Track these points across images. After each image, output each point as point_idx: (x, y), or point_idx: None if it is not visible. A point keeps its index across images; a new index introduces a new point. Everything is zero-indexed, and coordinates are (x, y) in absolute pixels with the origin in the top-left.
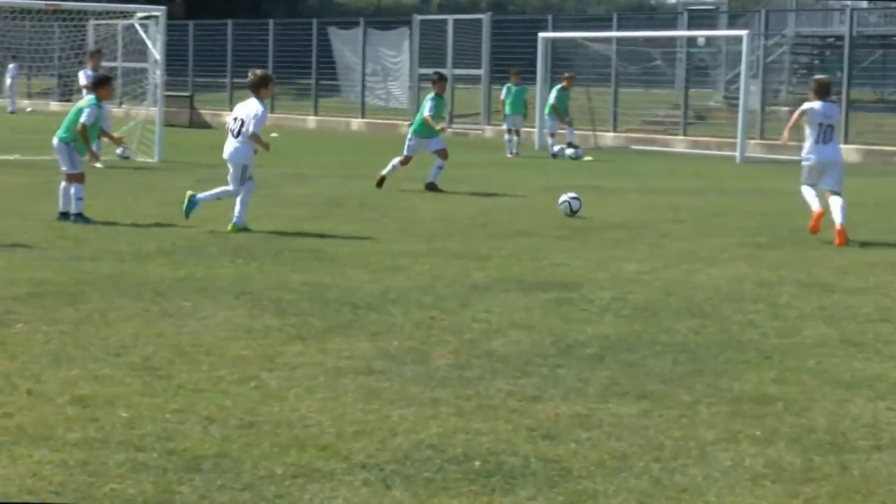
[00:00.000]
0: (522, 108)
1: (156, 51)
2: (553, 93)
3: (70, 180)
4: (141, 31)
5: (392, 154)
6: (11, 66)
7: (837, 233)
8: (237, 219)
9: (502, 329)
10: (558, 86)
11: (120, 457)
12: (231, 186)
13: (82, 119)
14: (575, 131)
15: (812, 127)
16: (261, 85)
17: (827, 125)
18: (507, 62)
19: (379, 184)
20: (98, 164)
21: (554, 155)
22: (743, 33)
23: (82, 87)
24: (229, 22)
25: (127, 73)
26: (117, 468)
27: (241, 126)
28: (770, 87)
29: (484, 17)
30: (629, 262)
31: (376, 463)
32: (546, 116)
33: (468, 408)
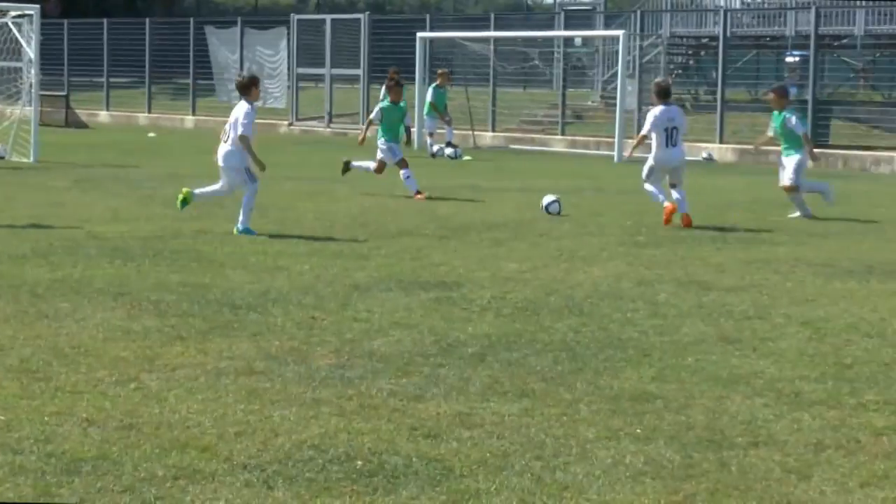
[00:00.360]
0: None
1: (30, 49)
2: (430, 91)
3: None
4: (14, 30)
5: (271, 152)
6: None
7: (666, 211)
8: (242, 224)
9: (383, 329)
10: (434, 84)
11: None
12: (221, 186)
13: None
14: (454, 131)
15: (658, 131)
16: (249, 86)
17: (672, 128)
18: (386, 62)
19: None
20: None
21: (433, 154)
22: (619, 33)
23: None
24: (105, 21)
25: (0, 73)
26: None
27: (229, 129)
28: (646, 87)
29: (362, 17)
30: (509, 262)
31: (258, 464)
32: (425, 116)
33: (350, 408)
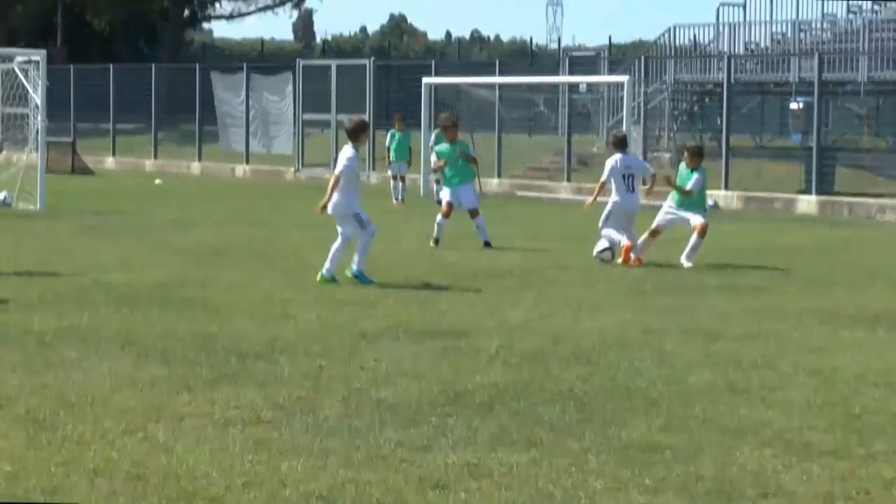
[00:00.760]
0: (407, 155)
1: (36, 95)
2: (433, 137)
3: None
4: (21, 76)
5: (278, 199)
6: None
7: (625, 249)
8: (357, 266)
9: (391, 378)
10: (438, 129)
11: None
12: (360, 236)
13: None
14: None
15: (616, 178)
16: (358, 132)
17: (629, 175)
18: (391, 108)
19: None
20: None
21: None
22: (624, 79)
23: None
24: (111, 66)
25: (7, 119)
26: None
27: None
28: (651, 133)
29: (368, 63)
30: (516, 310)
31: None
32: (433, 163)
33: (358, 458)
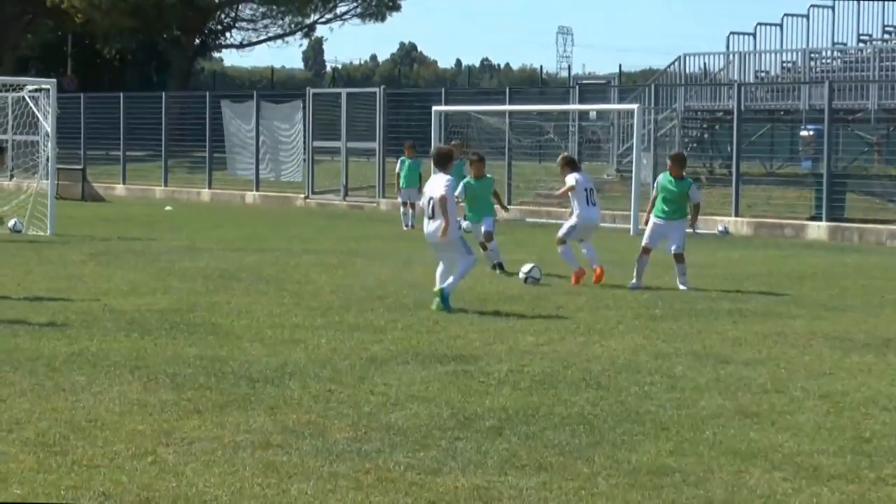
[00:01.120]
0: (417, 181)
1: (47, 123)
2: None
3: None
4: (31, 104)
5: (287, 225)
6: None
7: (596, 272)
8: (448, 288)
9: (401, 402)
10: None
11: None
12: (461, 261)
13: None
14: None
15: (580, 194)
16: (447, 160)
17: (590, 189)
18: (402, 135)
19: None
20: None
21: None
22: (634, 107)
23: None
24: (121, 95)
25: (18, 146)
26: None
27: (433, 206)
28: (662, 160)
29: (378, 91)
30: (526, 334)
31: None
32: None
33: (367, 481)
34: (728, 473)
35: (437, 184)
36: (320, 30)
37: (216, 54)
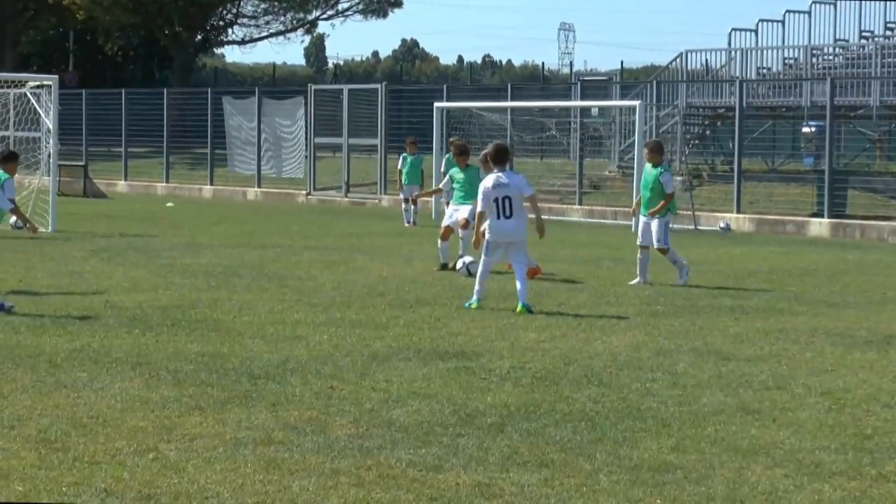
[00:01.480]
0: (419, 178)
1: (48, 120)
2: (444, 161)
3: None
4: (33, 100)
5: (289, 222)
6: None
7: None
8: (524, 295)
9: (402, 398)
10: (449, 154)
11: None
12: (524, 263)
13: (11, 196)
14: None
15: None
16: (504, 157)
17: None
18: (403, 132)
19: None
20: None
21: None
22: (636, 104)
23: None
24: (122, 91)
25: (20, 143)
26: None
27: (509, 203)
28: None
29: (379, 87)
30: (528, 331)
31: None
32: (442, 186)
33: (369, 478)
34: (730, 470)
35: (518, 183)
36: (322, 26)
37: (218, 51)
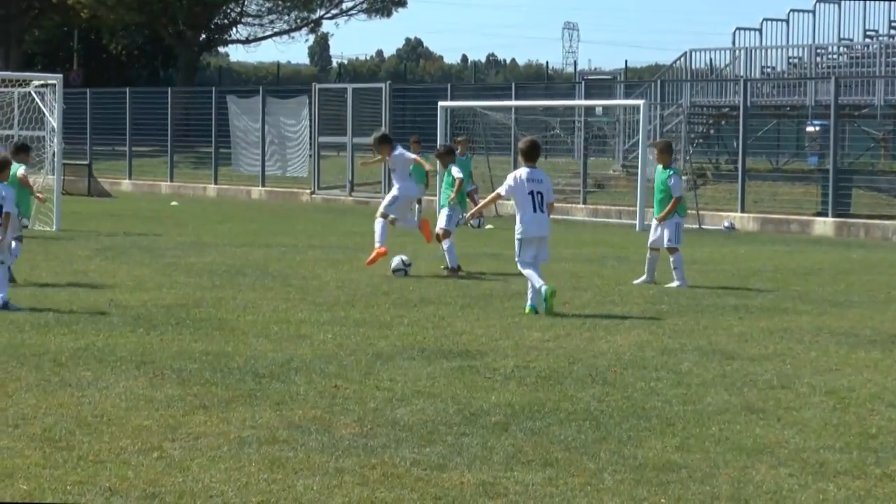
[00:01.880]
0: (423, 177)
1: (53, 119)
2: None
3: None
4: (37, 99)
5: (293, 221)
6: None
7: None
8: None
9: (406, 397)
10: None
11: None
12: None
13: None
14: (480, 199)
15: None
16: (538, 153)
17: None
18: (407, 130)
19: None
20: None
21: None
22: (640, 103)
23: None
24: (127, 90)
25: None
26: None
27: (541, 198)
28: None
29: (383, 86)
30: (532, 330)
31: None
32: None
33: (373, 477)
34: (734, 469)
35: (548, 185)
36: (326, 25)
37: (222, 49)
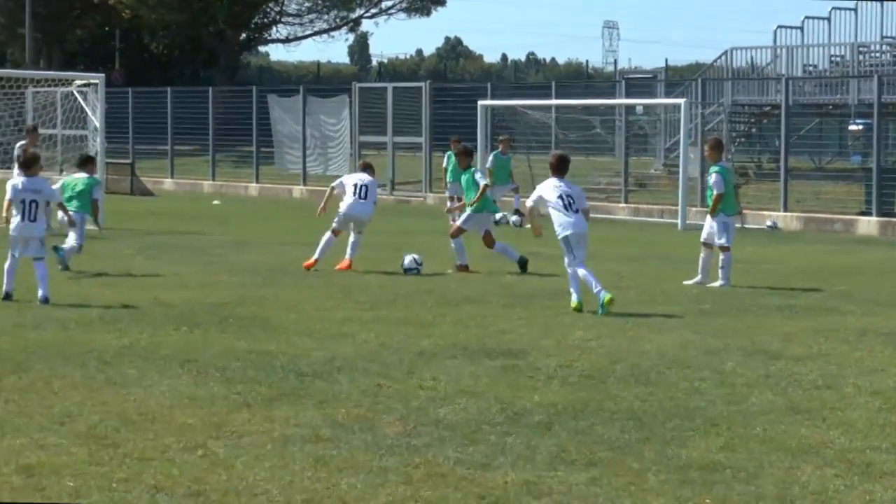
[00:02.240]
0: (508, 177)
1: (95, 118)
2: (490, 158)
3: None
4: (80, 99)
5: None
6: None
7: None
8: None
9: (449, 396)
10: (495, 151)
11: None
12: (583, 262)
13: (95, 195)
14: (521, 198)
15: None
16: (563, 167)
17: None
18: (448, 129)
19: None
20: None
21: (496, 222)
22: (681, 101)
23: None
24: (168, 89)
25: (67, 141)
26: None
27: (571, 200)
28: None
29: (424, 85)
30: (575, 329)
31: None
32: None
33: (417, 476)
34: (779, 470)
35: (580, 193)
36: (366, 24)
37: (262, 49)
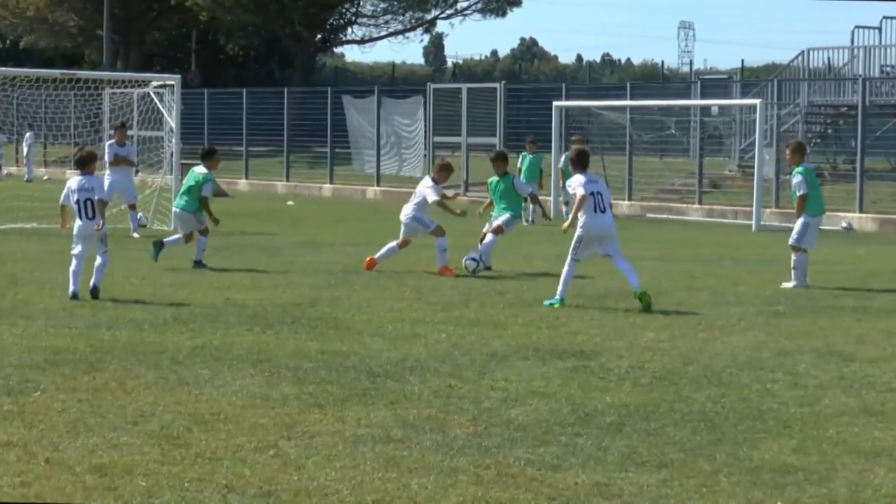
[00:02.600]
0: (538, 177)
1: (171, 119)
2: (562, 159)
3: (202, 233)
4: (156, 100)
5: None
6: (28, 135)
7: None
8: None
9: (521, 397)
10: (568, 152)
11: None
12: (619, 254)
13: (205, 193)
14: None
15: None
16: (583, 162)
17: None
18: (522, 130)
19: None
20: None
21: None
22: (756, 102)
23: (107, 162)
24: (244, 91)
25: (143, 142)
26: None
27: (601, 198)
28: (784, 156)
29: (498, 86)
30: (646, 331)
31: None
32: (561, 184)
33: (487, 476)
34: (852, 472)
35: (601, 182)
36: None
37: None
